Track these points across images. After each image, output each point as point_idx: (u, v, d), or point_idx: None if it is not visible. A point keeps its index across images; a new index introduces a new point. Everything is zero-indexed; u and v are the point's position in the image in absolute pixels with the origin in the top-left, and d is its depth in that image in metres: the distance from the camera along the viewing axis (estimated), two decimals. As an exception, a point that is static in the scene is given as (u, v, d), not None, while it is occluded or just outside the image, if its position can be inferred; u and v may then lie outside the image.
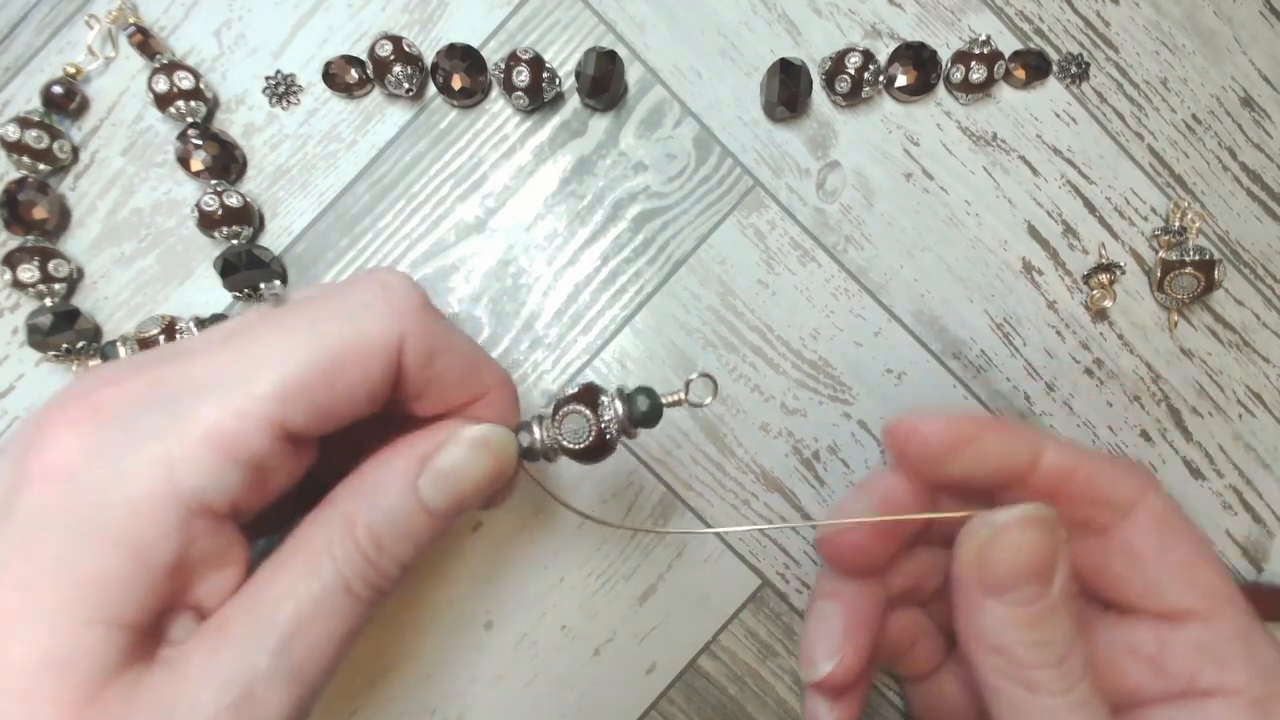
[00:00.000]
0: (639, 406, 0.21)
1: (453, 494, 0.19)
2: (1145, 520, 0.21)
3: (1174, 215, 0.32)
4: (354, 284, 0.19)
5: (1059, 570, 0.20)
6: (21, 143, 0.28)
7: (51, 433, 0.16)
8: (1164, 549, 0.21)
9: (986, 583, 0.20)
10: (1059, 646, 0.20)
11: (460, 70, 0.29)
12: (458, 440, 0.19)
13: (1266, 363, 0.32)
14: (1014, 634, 0.20)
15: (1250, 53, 0.32)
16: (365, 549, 0.18)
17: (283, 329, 0.17)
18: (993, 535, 0.20)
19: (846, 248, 0.31)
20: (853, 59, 0.30)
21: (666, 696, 0.31)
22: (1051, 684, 0.19)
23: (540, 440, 0.21)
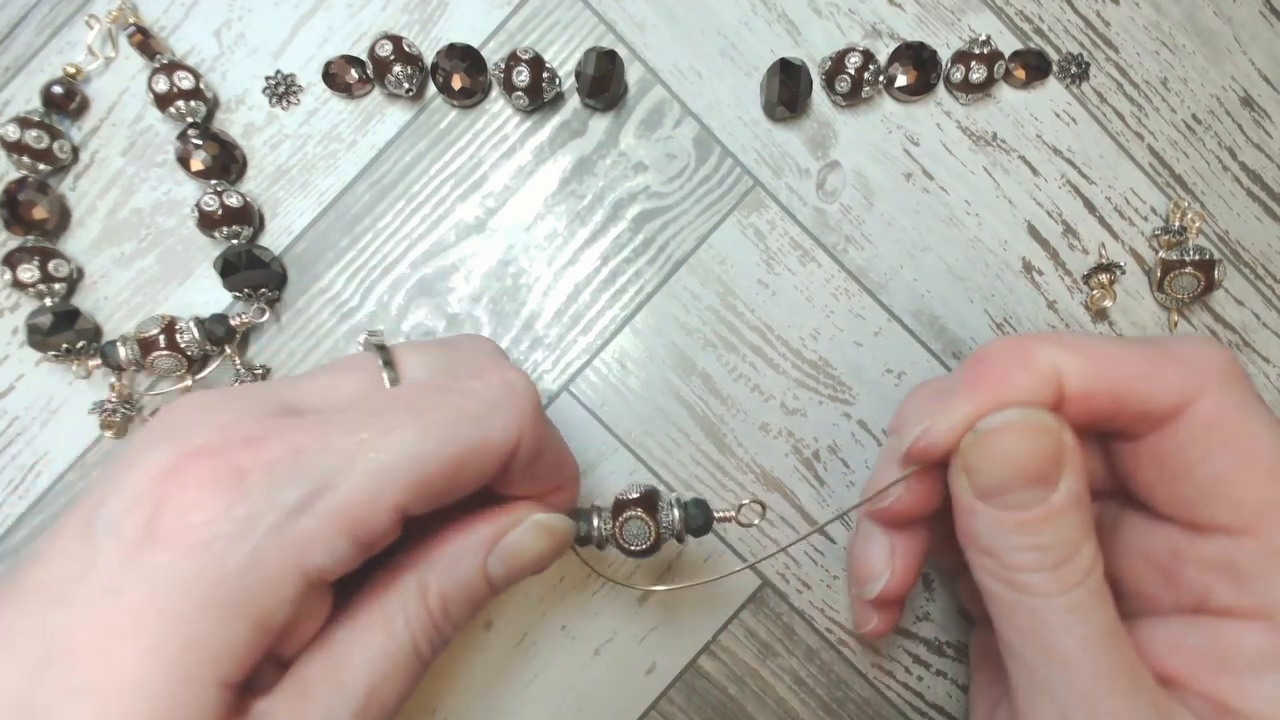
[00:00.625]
0: (695, 520, 0.23)
1: (513, 569, 0.21)
2: (1188, 427, 0.20)
3: (1174, 215, 0.32)
4: (480, 374, 0.20)
5: (1065, 475, 0.19)
6: (21, 143, 0.28)
7: (190, 493, 0.16)
8: (1200, 459, 0.20)
9: (976, 487, 0.20)
10: (1057, 551, 0.19)
11: (460, 70, 0.29)
12: (528, 525, 0.21)
13: (1266, 363, 0.32)
14: (1004, 538, 0.19)
15: (1250, 53, 0.32)
16: (434, 613, 0.20)
17: (418, 418, 0.18)
18: (976, 440, 0.20)
19: (846, 248, 0.31)
20: (853, 59, 0.30)
21: (666, 696, 0.31)
22: (1043, 586, 0.19)
23: (599, 532, 0.23)
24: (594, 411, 0.31)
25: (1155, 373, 0.20)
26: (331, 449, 0.17)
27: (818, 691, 0.31)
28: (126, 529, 0.16)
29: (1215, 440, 0.20)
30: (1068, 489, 0.19)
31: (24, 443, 0.30)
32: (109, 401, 0.29)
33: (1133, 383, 0.20)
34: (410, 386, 0.20)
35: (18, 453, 0.30)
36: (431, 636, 0.20)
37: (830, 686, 0.31)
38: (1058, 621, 0.19)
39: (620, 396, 0.31)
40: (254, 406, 0.18)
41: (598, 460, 0.31)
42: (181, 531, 0.16)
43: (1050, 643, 0.19)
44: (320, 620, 0.19)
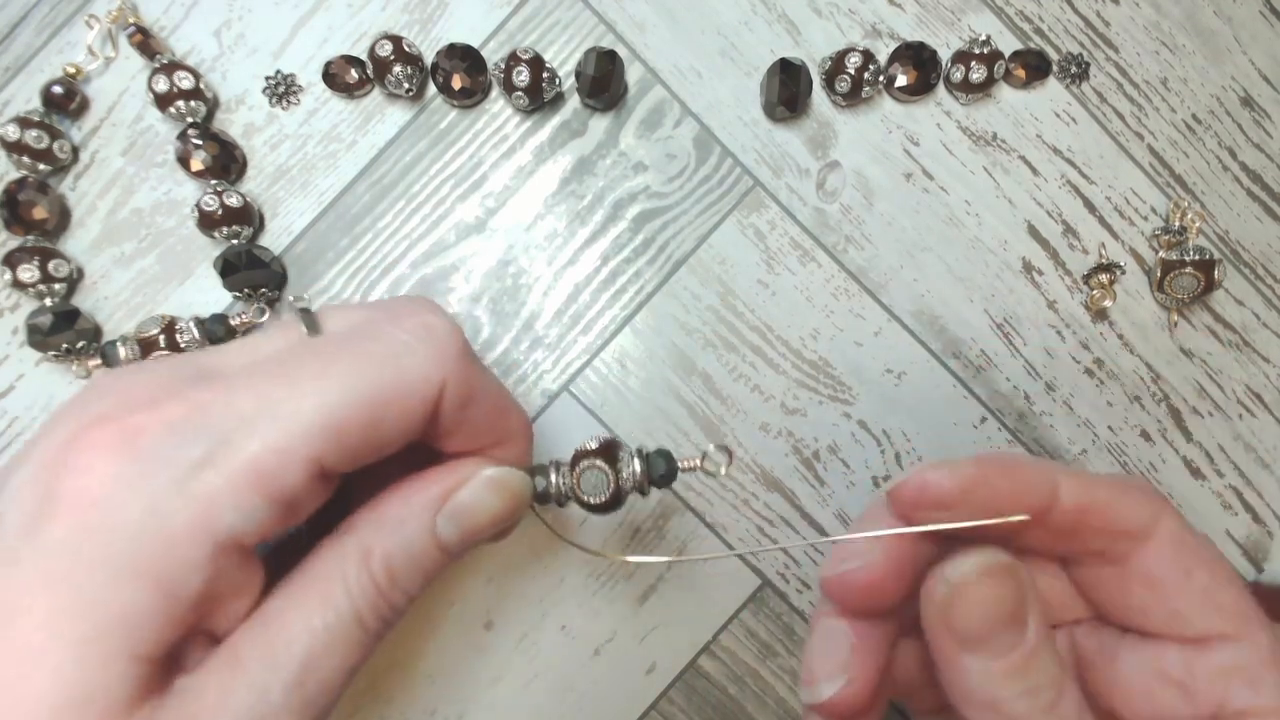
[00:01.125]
0: (656, 468, 0.22)
1: (467, 531, 0.20)
2: (1163, 546, 0.21)
3: (1174, 215, 0.32)
4: (397, 319, 0.19)
5: (1030, 613, 0.19)
6: (21, 143, 0.28)
7: (85, 457, 0.16)
8: (1185, 574, 0.20)
9: (960, 640, 0.19)
10: (1049, 690, 0.19)
11: (460, 70, 0.29)
12: (478, 481, 0.20)
13: (1266, 363, 0.32)
14: (1001, 688, 0.19)
15: (1250, 53, 0.32)
16: (379, 581, 0.18)
17: (328, 366, 0.17)
18: (951, 593, 0.19)
19: (846, 248, 0.31)
20: (853, 59, 0.30)
21: (666, 696, 0.31)
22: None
23: (556, 488, 0.21)
24: (594, 411, 0.31)
25: (1125, 494, 0.21)
26: (235, 403, 0.17)
27: (818, 691, 0.31)
28: (26, 500, 0.16)
29: (1189, 553, 0.20)
30: (1035, 625, 0.19)
31: (24, 443, 0.30)
32: (109, 401, 0.29)
33: (1111, 499, 0.21)
34: (323, 338, 0.19)
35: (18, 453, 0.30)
36: (378, 606, 0.18)
37: (830, 686, 0.31)
38: None
39: (620, 396, 0.31)
40: (166, 373, 0.18)
41: (598, 460, 0.31)
42: (75, 496, 0.16)
43: None
44: (252, 594, 0.18)
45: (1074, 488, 0.21)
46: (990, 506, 0.20)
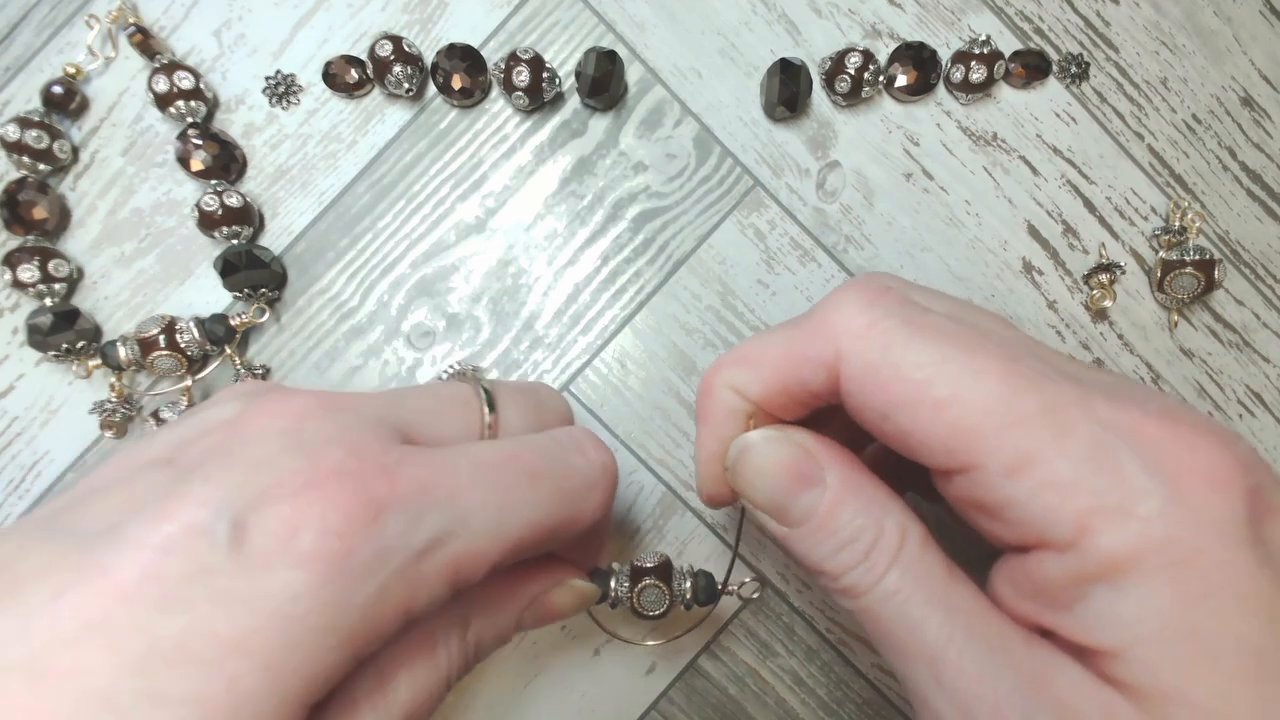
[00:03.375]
0: (702, 593, 0.26)
1: (540, 622, 0.23)
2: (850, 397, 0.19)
3: (1174, 215, 0.32)
4: (583, 452, 0.21)
5: (826, 468, 0.19)
6: (21, 143, 0.28)
7: (333, 518, 0.16)
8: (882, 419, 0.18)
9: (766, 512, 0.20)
10: (860, 540, 0.19)
11: (460, 70, 0.29)
12: (567, 588, 0.23)
13: (1266, 363, 0.32)
14: (817, 551, 0.19)
15: (1250, 53, 0.32)
16: (469, 652, 0.21)
17: (534, 488, 0.19)
18: (734, 473, 0.21)
19: (846, 248, 0.31)
20: (853, 59, 0.30)
21: (666, 696, 0.31)
22: (859, 582, 0.18)
23: (616, 595, 0.26)
24: (594, 411, 0.31)
25: (800, 353, 0.20)
26: (457, 497, 0.18)
27: (818, 691, 0.31)
28: (258, 538, 0.15)
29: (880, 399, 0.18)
30: (836, 476, 0.19)
31: (24, 443, 0.30)
32: (109, 401, 0.29)
33: (786, 374, 0.20)
34: (525, 448, 0.20)
35: (18, 453, 0.30)
36: (461, 670, 0.20)
37: (830, 686, 0.31)
38: (884, 613, 0.18)
39: (620, 396, 0.31)
40: (376, 424, 0.18)
41: (598, 460, 0.31)
42: (320, 555, 0.15)
43: (887, 635, 0.18)
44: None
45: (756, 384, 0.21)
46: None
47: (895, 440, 0.19)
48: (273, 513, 0.15)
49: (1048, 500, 0.16)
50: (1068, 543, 0.16)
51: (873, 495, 0.19)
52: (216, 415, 0.18)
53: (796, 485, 0.20)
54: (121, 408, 0.29)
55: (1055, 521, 0.16)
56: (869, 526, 0.19)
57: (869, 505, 0.19)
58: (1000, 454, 0.17)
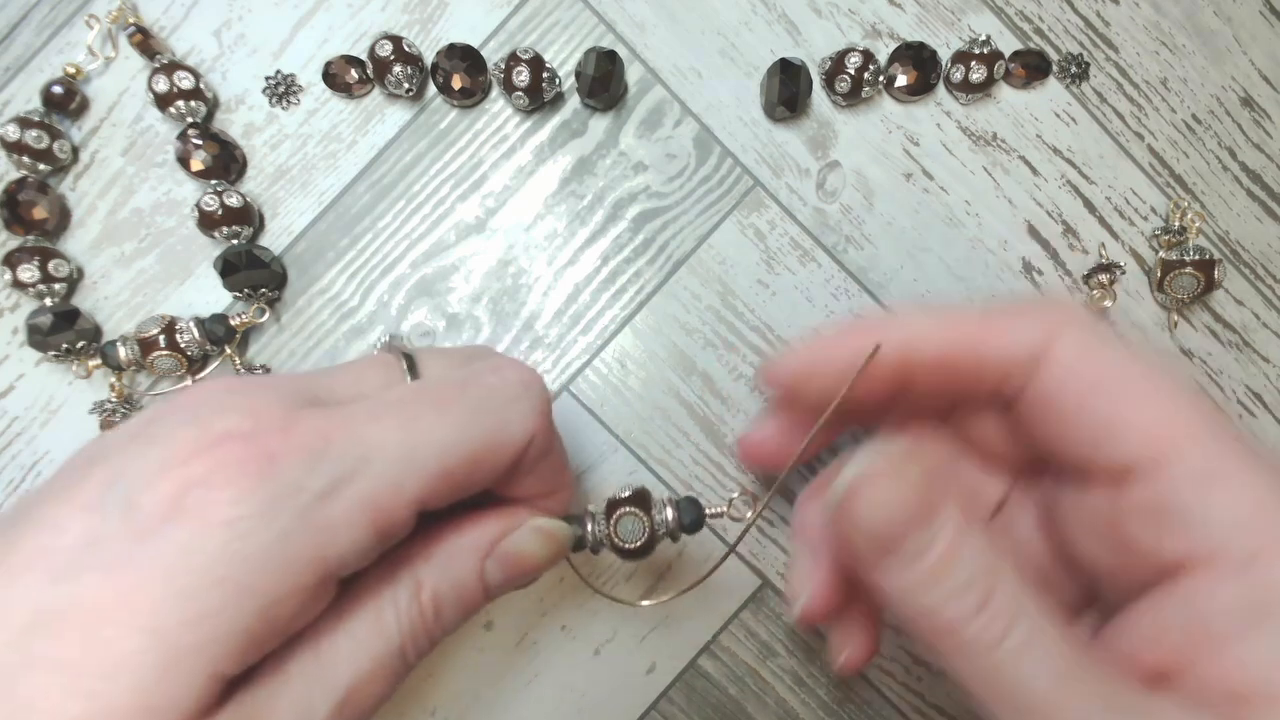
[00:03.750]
0: (686, 515, 0.23)
1: (510, 575, 0.21)
2: (1054, 372, 0.18)
3: (1174, 215, 0.32)
4: (498, 371, 0.20)
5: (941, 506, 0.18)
6: (21, 143, 0.28)
7: (220, 473, 0.16)
8: (1083, 398, 0.18)
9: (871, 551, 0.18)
10: (977, 587, 0.17)
11: (460, 70, 0.29)
12: (527, 529, 0.21)
13: (1266, 363, 0.32)
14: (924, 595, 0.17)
15: (1250, 53, 0.32)
16: (426, 614, 0.19)
17: (442, 411, 0.18)
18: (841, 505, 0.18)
19: (846, 248, 0.31)
20: (853, 59, 0.30)
21: (666, 696, 0.31)
22: (983, 635, 0.17)
23: (593, 536, 0.23)
24: (594, 411, 0.31)
25: (998, 326, 0.19)
26: (357, 437, 0.17)
27: (818, 691, 0.31)
28: (146, 503, 0.15)
29: (1085, 378, 0.18)
30: (952, 519, 0.18)
31: (24, 443, 0.30)
32: (109, 401, 0.29)
33: (978, 332, 0.19)
34: (433, 381, 0.20)
35: (18, 453, 0.30)
36: (419, 638, 0.19)
37: (830, 686, 0.31)
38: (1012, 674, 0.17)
39: (620, 396, 0.31)
40: (282, 394, 0.18)
41: (598, 460, 0.31)
42: (206, 510, 0.15)
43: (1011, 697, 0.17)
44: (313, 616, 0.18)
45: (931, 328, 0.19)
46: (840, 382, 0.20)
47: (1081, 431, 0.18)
48: (163, 479, 0.16)
49: (1233, 515, 0.16)
50: (1240, 563, 0.16)
51: (987, 538, 0.18)
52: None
53: (910, 526, 0.18)
54: (121, 408, 0.29)
55: (1234, 540, 0.16)
56: (985, 571, 0.17)
57: (986, 549, 0.18)
58: (1198, 459, 0.17)
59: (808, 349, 0.21)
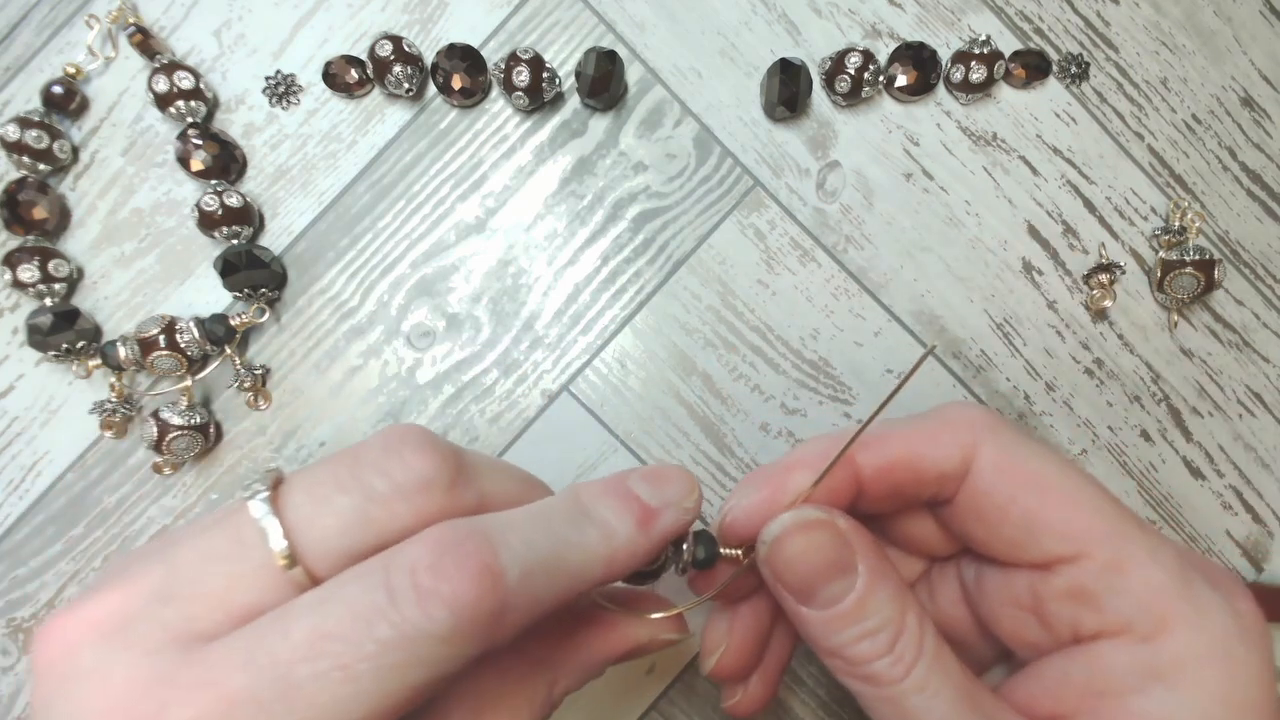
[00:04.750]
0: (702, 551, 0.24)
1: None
2: (982, 478, 0.21)
3: (1174, 215, 0.32)
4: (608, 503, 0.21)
5: (859, 557, 0.20)
6: (21, 143, 0.28)
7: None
8: (1009, 501, 0.21)
9: (792, 594, 0.21)
10: (886, 632, 0.19)
11: (460, 70, 0.29)
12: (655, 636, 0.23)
13: (1266, 363, 0.32)
14: (837, 635, 0.20)
15: (1250, 53, 0.32)
16: (554, 704, 0.21)
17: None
18: (769, 551, 0.21)
19: (846, 248, 0.31)
20: (853, 59, 0.30)
21: (666, 696, 0.31)
22: (888, 672, 0.19)
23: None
24: (594, 411, 0.31)
25: (931, 438, 0.21)
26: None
27: (818, 691, 0.31)
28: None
29: (1010, 483, 0.21)
30: (867, 568, 0.20)
31: (24, 443, 0.30)
32: (109, 401, 0.29)
33: (915, 451, 0.21)
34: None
35: (18, 453, 0.30)
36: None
37: (830, 686, 0.31)
38: (915, 705, 0.19)
39: (620, 396, 0.31)
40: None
41: (598, 460, 0.31)
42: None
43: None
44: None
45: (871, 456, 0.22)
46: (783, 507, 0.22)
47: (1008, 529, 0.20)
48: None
49: (1139, 598, 0.19)
50: (1145, 636, 0.19)
51: (897, 586, 0.20)
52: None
53: (830, 574, 0.20)
54: (121, 408, 0.29)
55: (1140, 617, 0.19)
56: (894, 618, 0.20)
57: (893, 595, 0.20)
58: (1108, 551, 0.19)
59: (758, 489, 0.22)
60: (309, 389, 0.30)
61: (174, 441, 0.28)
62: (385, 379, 0.30)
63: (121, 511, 0.30)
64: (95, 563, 0.30)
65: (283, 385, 0.30)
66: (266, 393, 0.30)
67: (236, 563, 0.15)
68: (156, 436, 0.28)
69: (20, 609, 0.30)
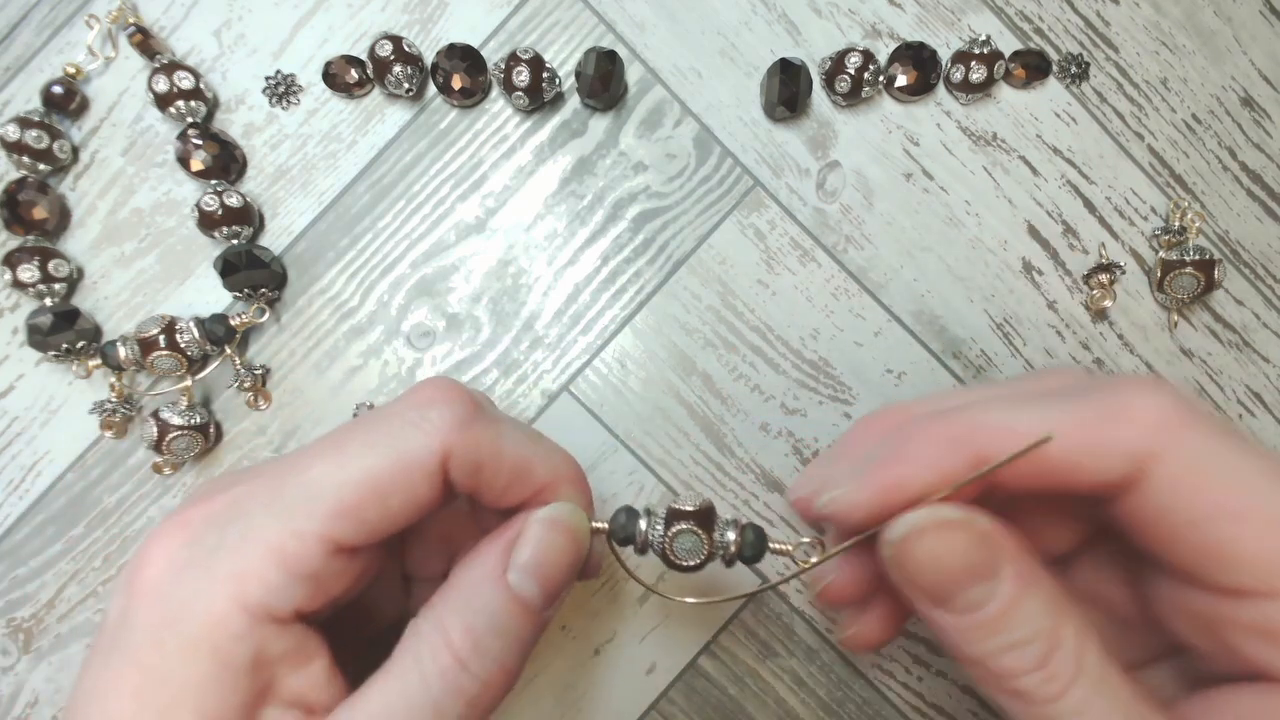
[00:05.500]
0: (750, 547, 0.22)
1: (545, 580, 0.20)
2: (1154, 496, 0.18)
3: (1174, 215, 0.32)
4: (405, 400, 0.20)
5: (1004, 562, 0.18)
6: (21, 143, 0.28)
7: (150, 551, 0.18)
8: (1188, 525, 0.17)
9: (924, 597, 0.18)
10: (1037, 644, 0.17)
11: (460, 70, 0.29)
12: (532, 527, 0.20)
13: (1266, 363, 0.32)
14: (978, 643, 0.18)
15: (1250, 53, 0.32)
16: (462, 655, 0.19)
17: (337, 451, 0.19)
18: (894, 552, 0.19)
19: (846, 248, 0.31)
20: (853, 59, 0.30)
21: (666, 696, 0.31)
22: (1039, 690, 0.17)
23: (646, 537, 0.22)
24: (594, 411, 0.31)
25: (1094, 441, 0.18)
26: (258, 493, 0.19)
27: (818, 691, 0.31)
28: (119, 596, 0.18)
29: (1197, 505, 0.17)
30: (1014, 574, 0.18)
31: (24, 443, 0.30)
32: (109, 401, 0.29)
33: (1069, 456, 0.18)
34: (340, 426, 0.21)
35: (18, 453, 0.30)
36: (462, 685, 0.19)
37: (830, 686, 0.31)
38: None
39: (620, 396, 0.31)
40: (237, 474, 0.20)
41: (598, 460, 0.31)
42: (144, 585, 0.18)
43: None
44: (320, 659, 0.19)
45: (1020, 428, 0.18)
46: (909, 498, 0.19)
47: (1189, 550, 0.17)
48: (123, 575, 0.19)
49: None
50: None
51: (1051, 593, 0.18)
52: None
53: (969, 578, 0.18)
54: (121, 408, 0.29)
55: None
56: (1046, 630, 0.18)
57: (1048, 606, 0.18)
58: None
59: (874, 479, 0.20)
60: (309, 389, 0.30)
61: (174, 441, 0.28)
62: (385, 379, 0.30)
63: (121, 511, 0.30)
64: (95, 563, 0.30)
65: (283, 385, 0.30)
66: (266, 393, 0.30)
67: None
68: (156, 436, 0.28)
69: (20, 609, 0.30)
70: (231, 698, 0.18)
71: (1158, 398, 0.18)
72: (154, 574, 0.18)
